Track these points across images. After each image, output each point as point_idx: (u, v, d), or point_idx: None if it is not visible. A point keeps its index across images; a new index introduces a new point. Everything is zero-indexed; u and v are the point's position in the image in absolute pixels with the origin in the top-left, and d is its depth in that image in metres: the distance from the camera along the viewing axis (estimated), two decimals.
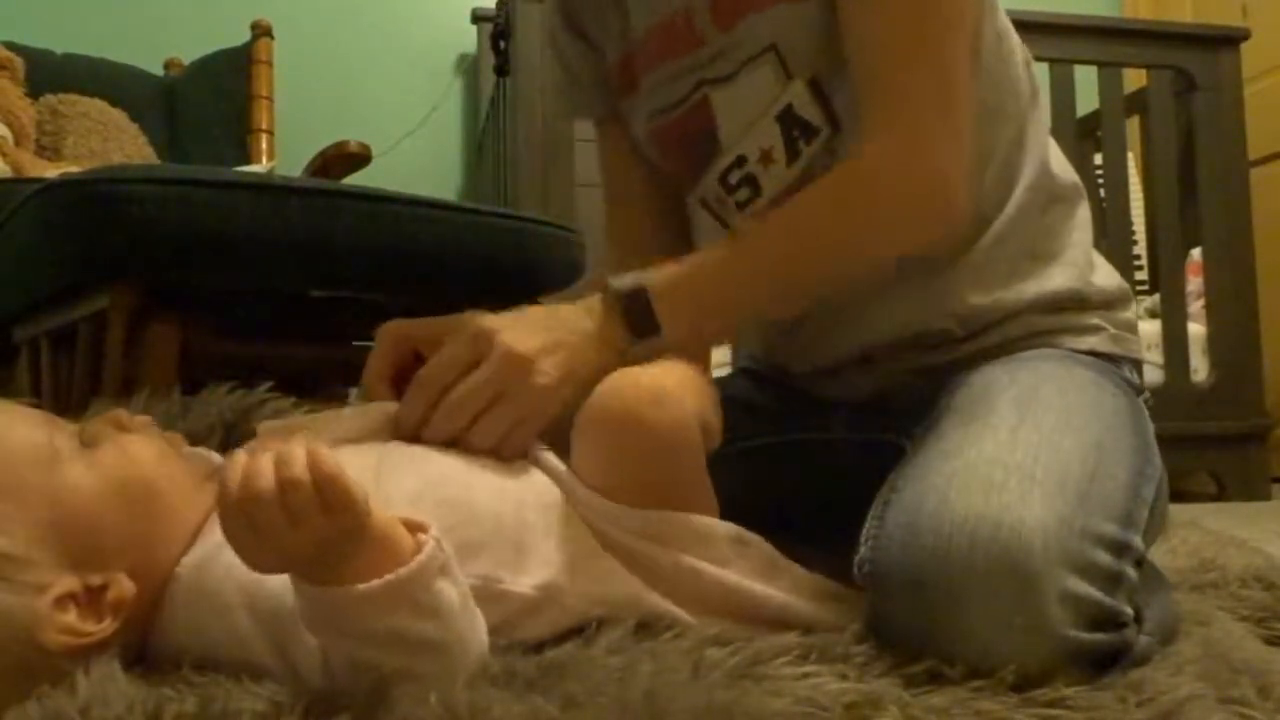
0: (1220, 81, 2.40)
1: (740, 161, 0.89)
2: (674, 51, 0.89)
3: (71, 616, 0.55)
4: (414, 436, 0.71)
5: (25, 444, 0.59)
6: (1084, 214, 0.93)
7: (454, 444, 0.70)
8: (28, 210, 1.25)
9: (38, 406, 0.66)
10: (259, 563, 0.51)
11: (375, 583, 0.50)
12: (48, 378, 1.32)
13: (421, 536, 0.53)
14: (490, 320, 0.73)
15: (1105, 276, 0.92)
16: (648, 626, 0.62)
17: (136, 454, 0.61)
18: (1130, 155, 2.62)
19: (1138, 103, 2.51)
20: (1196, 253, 2.46)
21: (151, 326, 1.21)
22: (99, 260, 1.19)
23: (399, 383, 0.76)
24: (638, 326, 0.77)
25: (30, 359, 1.37)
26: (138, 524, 0.59)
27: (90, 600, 0.56)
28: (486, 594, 0.59)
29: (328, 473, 0.49)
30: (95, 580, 0.57)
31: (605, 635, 0.60)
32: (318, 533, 0.49)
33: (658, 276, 0.78)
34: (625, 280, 0.78)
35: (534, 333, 0.73)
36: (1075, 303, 0.89)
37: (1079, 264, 0.90)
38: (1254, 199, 2.42)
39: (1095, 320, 0.89)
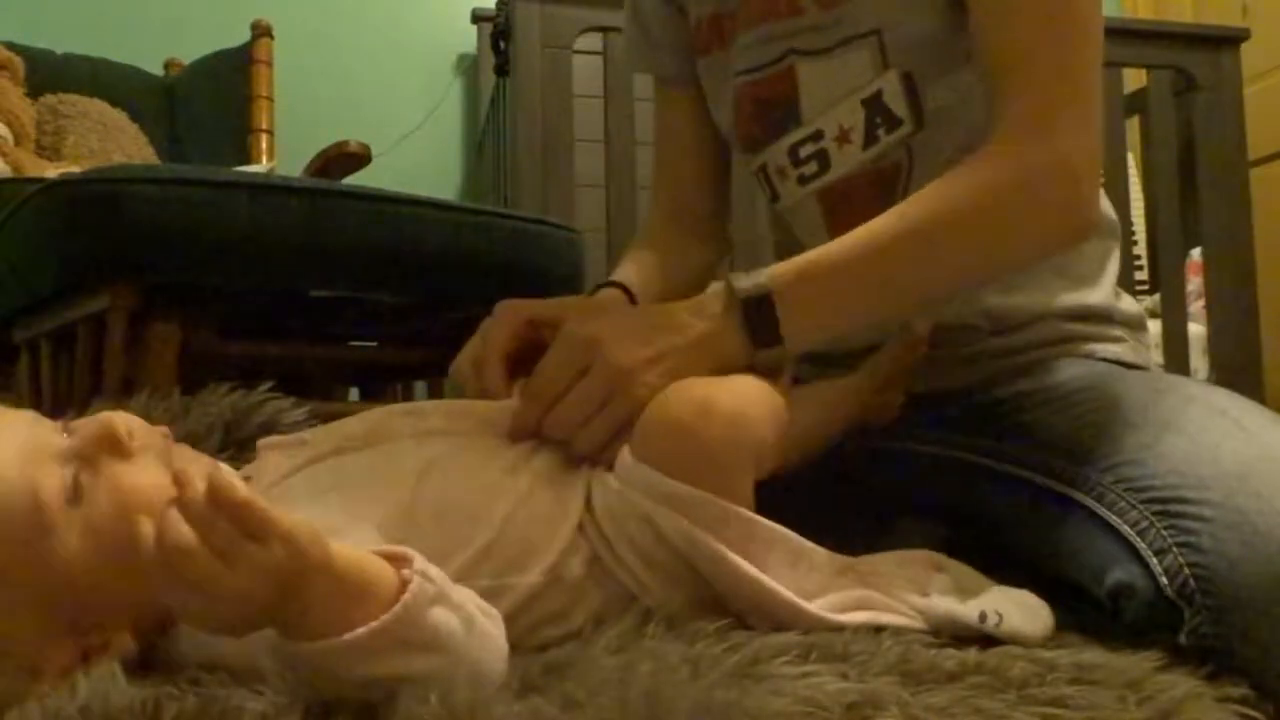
0: (1220, 81, 2.40)
1: (816, 136, 0.89)
2: (770, 15, 0.88)
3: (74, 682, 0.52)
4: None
5: (10, 509, 0.52)
6: (1116, 251, 0.96)
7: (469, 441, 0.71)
8: (28, 210, 1.25)
9: (38, 407, 0.64)
10: (219, 621, 0.46)
11: (360, 631, 0.46)
12: (48, 378, 1.32)
13: (406, 572, 0.49)
14: (598, 327, 0.72)
15: (1129, 304, 0.95)
16: (647, 625, 0.62)
17: (128, 504, 0.54)
18: (1130, 155, 2.62)
19: (1138, 103, 2.52)
20: (1196, 253, 2.46)
21: (151, 326, 1.21)
22: (99, 260, 1.19)
23: (513, 364, 0.77)
24: (759, 336, 0.73)
25: (30, 359, 1.37)
26: (136, 580, 0.53)
27: (90, 657, 0.54)
28: (496, 591, 0.59)
29: (236, 500, 0.44)
30: (94, 641, 0.54)
31: (605, 635, 0.60)
32: (260, 566, 0.44)
33: (783, 282, 0.74)
34: (746, 282, 0.74)
35: (640, 342, 0.71)
36: (1103, 316, 0.90)
37: (1106, 290, 0.92)
38: (1254, 199, 2.42)
39: (1120, 333, 0.91)
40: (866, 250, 0.75)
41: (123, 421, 0.57)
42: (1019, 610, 0.64)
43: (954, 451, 0.86)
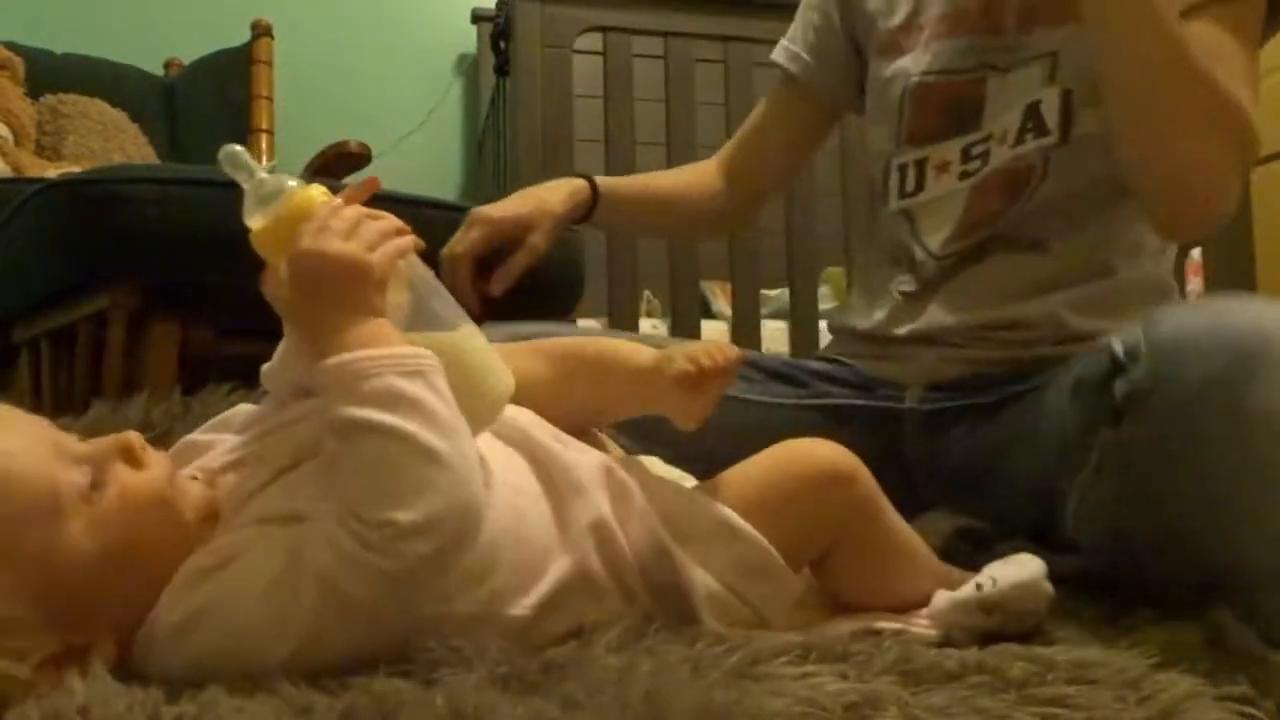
0: None
1: (987, 138, 1.00)
2: (972, 30, 1.01)
3: (50, 680, 0.53)
4: None
5: (27, 495, 0.54)
6: None
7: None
8: (28, 210, 1.25)
9: (37, 407, 0.65)
10: (323, 251, 0.60)
11: (368, 351, 0.58)
12: (48, 378, 1.32)
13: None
14: None
15: None
16: (647, 625, 0.62)
17: (138, 509, 0.57)
18: None
19: None
20: (1196, 253, 2.45)
21: (151, 326, 1.21)
22: (99, 260, 1.19)
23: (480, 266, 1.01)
24: None
25: (30, 359, 1.37)
26: (129, 586, 0.56)
27: (70, 659, 0.54)
28: (487, 618, 0.60)
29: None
30: (78, 640, 0.55)
31: (605, 635, 0.60)
32: (366, 242, 0.62)
33: None
34: None
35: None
36: None
37: None
38: (1254, 199, 2.42)
39: None
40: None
41: (138, 439, 0.60)
42: (1008, 566, 0.69)
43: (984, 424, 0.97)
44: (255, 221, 0.63)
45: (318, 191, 0.64)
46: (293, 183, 0.64)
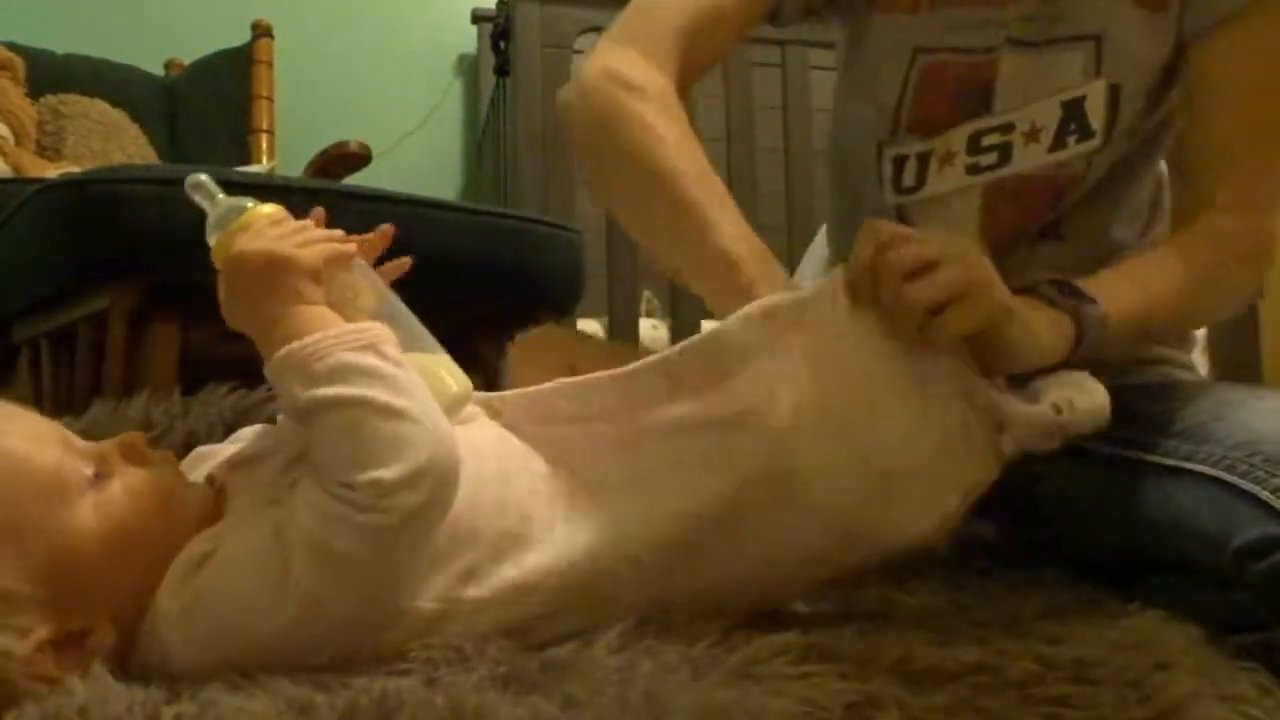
0: None
1: (1006, 128, 0.88)
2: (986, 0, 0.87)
3: (48, 663, 0.54)
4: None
5: (36, 477, 0.56)
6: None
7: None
8: (28, 210, 1.25)
9: (38, 407, 0.65)
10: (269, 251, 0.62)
11: (314, 336, 0.59)
12: (48, 378, 1.32)
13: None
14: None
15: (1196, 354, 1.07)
16: (648, 625, 0.62)
17: (142, 497, 0.59)
18: None
19: None
20: None
21: (151, 326, 1.21)
22: (99, 260, 1.19)
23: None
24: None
25: (30, 359, 1.37)
26: (130, 574, 0.57)
27: (68, 645, 0.55)
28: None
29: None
30: (75, 626, 0.55)
31: (605, 635, 0.60)
32: (293, 242, 0.63)
33: (1111, 309, 0.76)
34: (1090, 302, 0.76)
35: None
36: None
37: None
38: None
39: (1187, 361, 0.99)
40: (1146, 292, 0.81)
41: (140, 438, 0.62)
42: (1079, 392, 0.69)
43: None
44: (212, 239, 0.67)
45: (269, 208, 0.67)
46: (249, 204, 0.67)
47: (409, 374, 0.59)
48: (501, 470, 0.66)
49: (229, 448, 0.70)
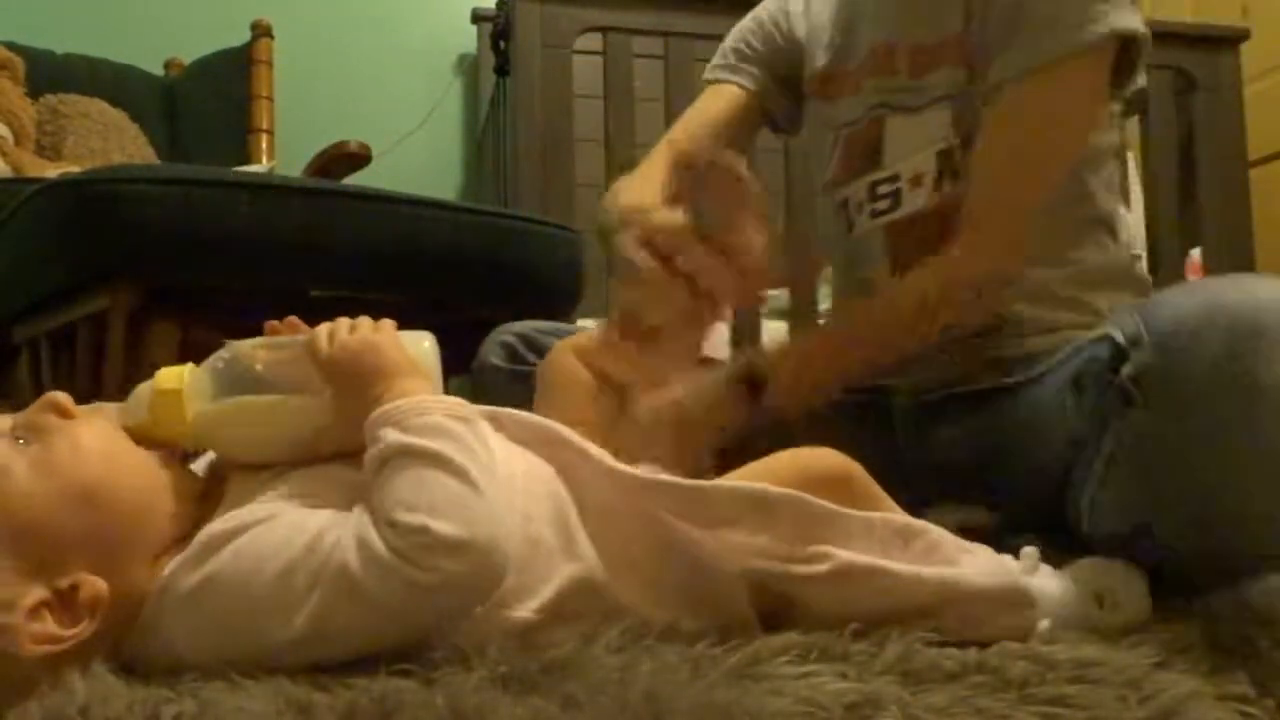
0: (1220, 81, 2.40)
1: (893, 178, 1.03)
2: (873, 74, 1.04)
3: (48, 624, 0.55)
4: None
5: None
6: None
7: None
8: (28, 210, 1.25)
9: None
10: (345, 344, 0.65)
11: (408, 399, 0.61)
12: (48, 378, 1.32)
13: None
14: None
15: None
16: (648, 625, 0.62)
17: (86, 445, 0.60)
18: (1130, 155, 2.62)
19: (1137, 103, 2.51)
20: (1196, 253, 2.45)
21: (151, 326, 1.21)
22: (99, 260, 1.19)
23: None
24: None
25: (30, 359, 1.37)
26: (94, 520, 0.57)
27: (64, 604, 0.56)
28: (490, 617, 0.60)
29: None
30: (63, 583, 0.56)
31: (605, 635, 0.60)
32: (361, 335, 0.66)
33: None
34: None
35: None
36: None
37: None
38: (1254, 199, 2.42)
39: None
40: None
41: (64, 396, 0.62)
42: (1125, 583, 0.71)
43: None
44: (130, 420, 0.66)
45: (172, 370, 0.67)
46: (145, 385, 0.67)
47: (491, 457, 0.61)
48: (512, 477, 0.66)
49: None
